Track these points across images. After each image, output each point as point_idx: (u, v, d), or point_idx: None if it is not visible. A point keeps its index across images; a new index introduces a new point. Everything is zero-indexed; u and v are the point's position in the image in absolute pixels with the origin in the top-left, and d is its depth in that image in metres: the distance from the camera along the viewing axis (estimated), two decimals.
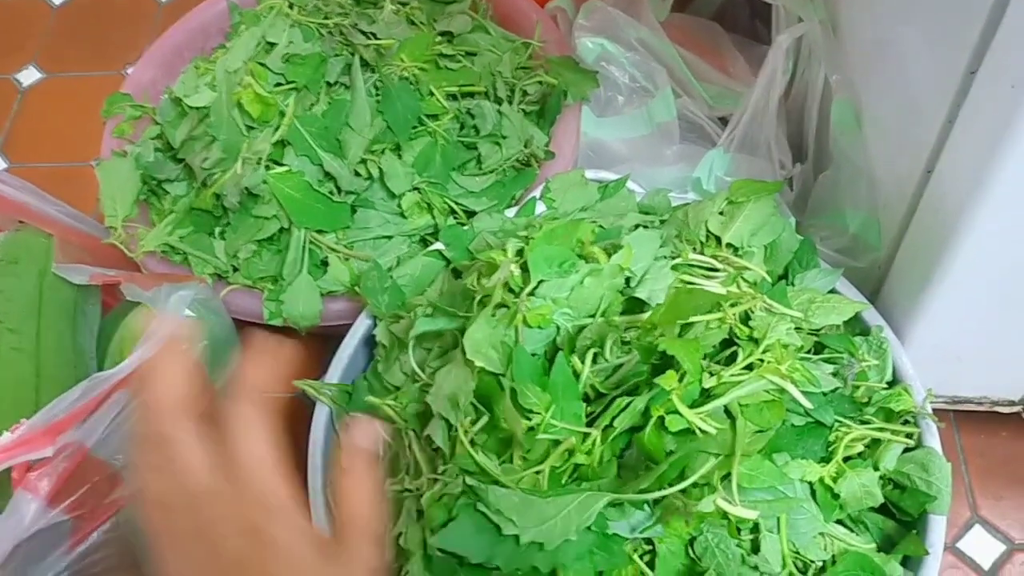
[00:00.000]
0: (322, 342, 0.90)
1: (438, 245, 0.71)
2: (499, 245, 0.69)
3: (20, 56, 1.17)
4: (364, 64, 0.78)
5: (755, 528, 0.54)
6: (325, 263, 0.75)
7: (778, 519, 0.55)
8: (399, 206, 0.76)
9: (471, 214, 0.77)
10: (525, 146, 0.80)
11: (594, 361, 0.54)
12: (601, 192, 0.72)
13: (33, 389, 0.66)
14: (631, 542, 0.53)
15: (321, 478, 0.63)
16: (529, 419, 0.50)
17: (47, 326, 0.69)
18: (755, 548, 0.54)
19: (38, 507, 0.57)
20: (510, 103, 0.82)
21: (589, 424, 0.52)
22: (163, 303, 0.66)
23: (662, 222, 0.69)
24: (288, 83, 0.76)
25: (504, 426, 0.50)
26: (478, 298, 0.57)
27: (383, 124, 0.76)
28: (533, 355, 0.54)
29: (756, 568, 0.53)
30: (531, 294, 0.55)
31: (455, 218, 0.77)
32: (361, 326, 0.69)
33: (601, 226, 0.62)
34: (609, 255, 0.57)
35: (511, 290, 0.56)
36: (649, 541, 0.53)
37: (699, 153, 0.76)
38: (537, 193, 0.74)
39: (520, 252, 0.58)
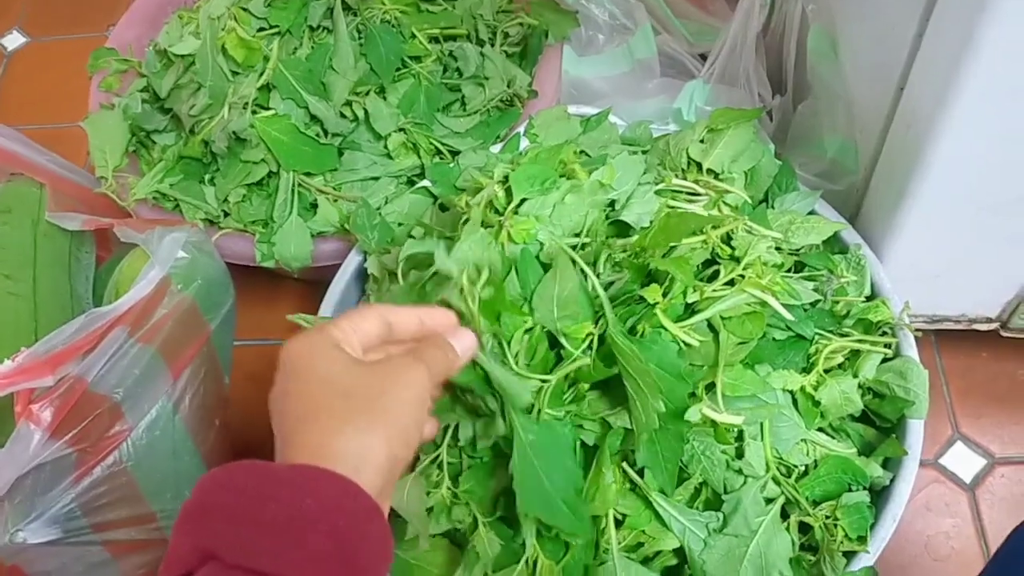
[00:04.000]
0: (310, 289, 0.91)
1: (425, 182, 0.72)
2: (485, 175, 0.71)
3: (3, 21, 1.17)
4: (346, 7, 0.78)
5: (740, 436, 0.56)
6: (314, 205, 0.76)
7: (761, 426, 0.56)
8: (385, 147, 0.77)
9: (456, 154, 0.78)
10: (508, 86, 0.81)
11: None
12: (584, 126, 0.73)
13: (32, 333, 0.67)
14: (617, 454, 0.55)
15: None
16: (524, 323, 0.52)
17: (43, 272, 0.70)
18: (739, 455, 0.56)
19: (41, 438, 0.59)
20: (492, 45, 0.83)
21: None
22: (157, 245, 0.67)
23: (644, 152, 0.70)
24: (271, 27, 0.77)
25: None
26: (464, 218, 0.59)
27: (367, 67, 0.77)
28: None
29: (740, 472, 0.55)
30: (515, 212, 0.57)
31: (441, 158, 0.78)
32: (352, 262, 0.70)
33: (587, 154, 0.63)
34: (591, 174, 0.58)
35: (497, 211, 0.58)
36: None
37: (679, 86, 0.77)
38: (521, 129, 0.75)
39: (506, 178, 0.59)
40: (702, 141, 0.68)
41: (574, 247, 0.57)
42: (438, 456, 0.53)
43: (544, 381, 0.53)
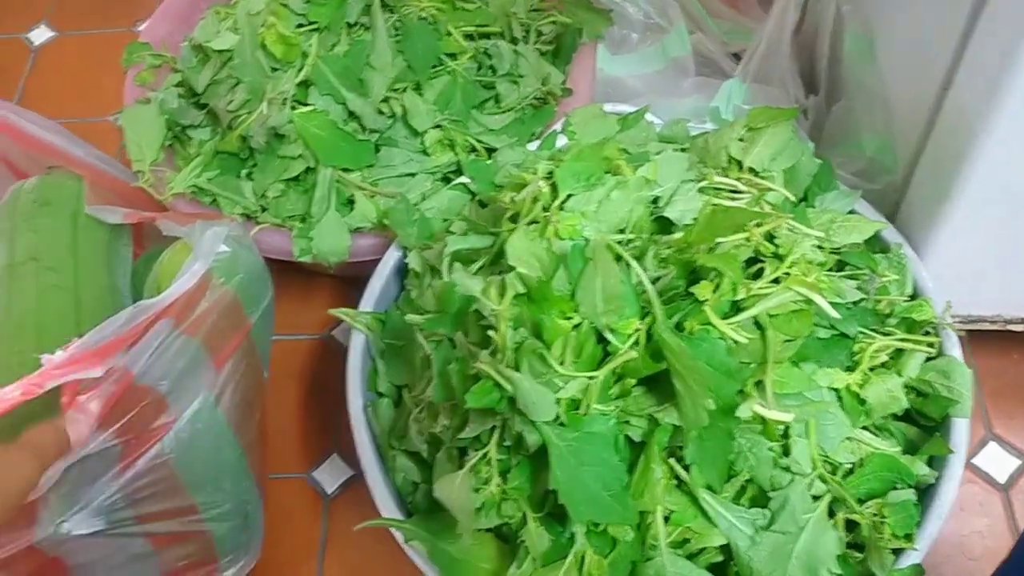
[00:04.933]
0: (345, 285, 0.91)
1: (463, 179, 0.73)
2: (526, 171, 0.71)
3: (30, 15, 1.18)
4: (383, 5, 0.79)
5: (785, 434, 0.56)
6: (351, 201, 0.77)
7: (807, 424, 0.57)
8: (422, 143, 0.77)
9: (491, 151, 0.79)
10: (542, 84, 0.81)
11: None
12: (621, 124, 0.73)
13: (74, 323, 0.67)
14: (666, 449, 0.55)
15: (361, 400, 0.65)
16: (570, 319, 0.52)
17: (83, 265, 0.70)
18: (785, 452, 0.56)
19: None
20: (525, 43, 0.83)
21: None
22: (199, 238, 0.67)
23: (683, 150, 0.70)
24: (310, 24, 0.77)
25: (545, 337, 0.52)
26: (509, 214, 0.59)
27: (403, 63, 0.78)
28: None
29: (788, 469, 0.55)
30: (560, 208, 0.57)
31: (476, 155, 0.78)
32: (391, 257, 0.70)
33: (626, 152, 0.64)
34: (635, 171, 0.58)
35: (544, 209, 0.58)
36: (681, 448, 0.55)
37: (715, 85, 0.77)
38: (558, 127, 0.75)
39: (550, 174, 0.60)
40: (741, 139, 0.68)
41: (619, 243, 0.57)
42: (487, 453, 0.53)
43: (591, 378, 0.53)
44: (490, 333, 0.51)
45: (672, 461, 0.55)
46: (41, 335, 0.66)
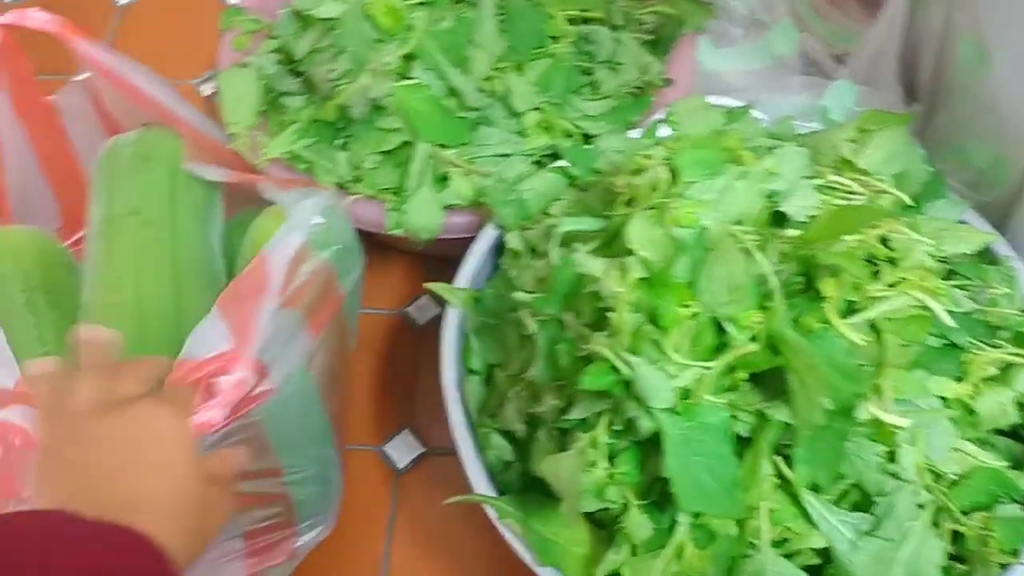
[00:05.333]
0: (421, 262, 0.91)
1: (562, 162, 0.72)
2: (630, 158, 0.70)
3: None
4: None
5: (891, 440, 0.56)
6: (445, 178, 0.76)
7: (913, 431, 0.56)
8: (520, 125, 0.77)
9: (587, 137, 0.78)
10: (641, 73, 0.80)
11: None
12: (726, 117, 0.72)
13: (171, 279, 0.67)
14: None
15: (454, 375, 0.64)
16: (688, 307, 0.51)
17: (180, 222, 0.71)
18: (891, 459, 0.56)
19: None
20: (626, 31, 0.83)
21: None
22: (295, 207, 0.67)
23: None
24: None
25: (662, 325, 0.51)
26: (624, 198, 0.58)
27: (506, 43, 0.77)
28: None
29: (895, 476, 0.54)
30: (679, 195, 0.56)
31: (571, 140, 0.78)
32: (487, 236, 0.70)
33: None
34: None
35: (662, 195, 0.57)
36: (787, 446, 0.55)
37: (822, 85, 0.76)
38: (660, 117, 0.74)
39: (667, 159, 0.59)
40: (852, 141, 0.67)
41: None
42: (595, 437, 0.52)
43: (706, 368, 0.52)
44: (609, 315, 0.51)
45: (777, 458, 0.54)
46: (139, 288, 0.66)
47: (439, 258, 0.87)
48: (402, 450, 0.81)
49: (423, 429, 0.82)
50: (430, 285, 0.67)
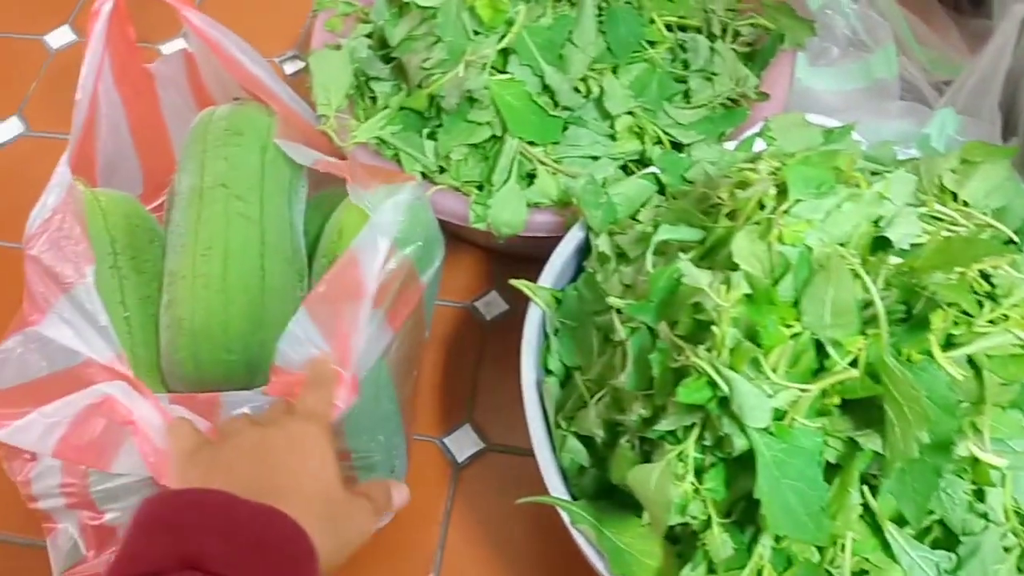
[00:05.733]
0: (492, 257, 0.91)
1: (653, 169, 0.71)
2: (719, 174, 0.69)
3: None
4: None
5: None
6: (531, 175, 0.76)
7: (1003, 472, 0.54)
8: (611, 127, 0.76)
9: (675, 145, 0.77)
10: (736, 85, 0.79)
11: None
12: (825, 137, 0.71)
13: (259, 255, 0.67)
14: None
15: (534, 375, 0.64)
16: (790, 327, 0.50)
17: (269, 198, 0.71)
18: (979, 498, 0.54)
19: None
20: (723, 41, 0.82)
21: None
22: (380, 208, 0.66)
23: (882, 174, 0.68)
24: None
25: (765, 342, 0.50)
26: (726, 210, 0.58)
27: (603, 45, 0.77)
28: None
29: (984, 516, 0.53)
30: (785, 212, 0.55)
31: (661, 147, 0.77)
32: (575, 237, 0.69)
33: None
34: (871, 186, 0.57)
35: (762, 207, 0.56)
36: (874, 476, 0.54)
37: (923, 112, 0.75)
38: (754, 130, 0.73)
39: (773, 173, 0.58)
40: (953, 171, 0.66)
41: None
42: (684, 450, 0.52)
43: (803, 390, 0.51)
44: (713, 329, 0.50)
45: (864, 488, 0.53)
46: (227, 260, 0.66)
47: (510, 254, 0.87)
48: (462, 444, 0.80)
49: (484, 425, 0.81)
50: (516, 282, 0.66)
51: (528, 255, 0.83)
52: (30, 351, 0.68)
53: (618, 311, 0.59)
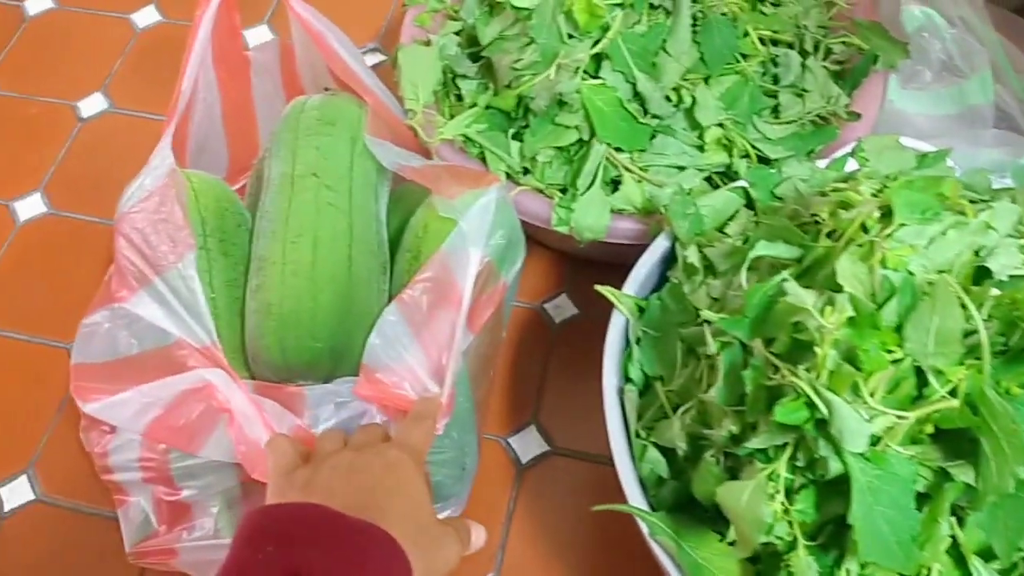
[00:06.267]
0: (564, 261, 0.91)
1: (742, 183, 0.71)
2: (811, 194, 0.69)
3: None
4: None
5: None
6: (615, 181, 0.76)
7: None
8: (699, 138, 0.76)
9: (763, 160, 0.77)
10: (827, 103, 0.79)
11: None
12: (919, 161, 0.70)
13: (347, 245, 0.68)
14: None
15: (616, 382, 0.64)
16: (891, 352, 0.50)
17: (357, 190, 0.72)
18: None
19: None
20: (814, 58, 0.81)
21: None
22: (467, 211, 0.66)
23: (984, 202, 0.67)
24: None
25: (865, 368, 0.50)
26: (826, 229, 0.57)
27: (696, 55, 0.76)
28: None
29: None
30: (888, 236, 0.55)
31: (748, 161, 0.77)
32: (660, 246, 0.69)
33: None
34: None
35: (865, 230, 0.56)
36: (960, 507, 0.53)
37: (1017, 141, 0.74)
38: (846, 150, 0.72)
39: (875, 195, 0.57)
40: None
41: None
42: (775, 470, 0.51)
43: (900, 417, 0.51)
44: (816, 350, 0.49)
45: (952, 520, 0.52)
46: (316, 249, 0.67)
47: (582, 258, 0.87)
48: (527, 445, 0.81)
49: (549, 428, 0.81)
50: (601, 288, 0.66)
51: (602, 260, 0.83)
52: (118, 327, 0.69)
53: (708, 324, 0.58)
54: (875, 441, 0.51)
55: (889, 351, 0.51)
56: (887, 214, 0.56)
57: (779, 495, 0.51)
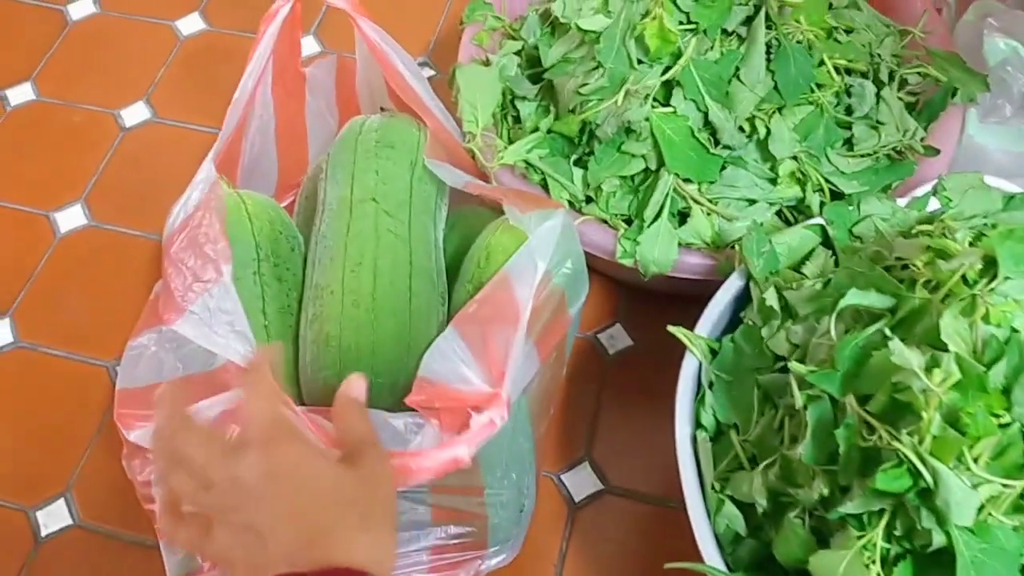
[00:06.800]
0: (618, 291, 0.88)
1: (819, 220, 0.68)
2: (893, 235, 0.66)
3: None
4: (766, 18, 0.74)
5: None
6: (683, 213, 0.73)
7: None
8: (772, 170, 0.73)
9: (837, 195, 0.74)
10: (903, 136, 0.75)
11: None
12: (1005, 203, 0.67)
13: (407, 275, 0.65)
14: None
15: (688, 429, 0.61)
16: (998, 416, 0.47)
17: (416, 216, 0.69)
18: None
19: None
20: (889, 88, 0.78)
21: None
22: (539, 230, 0.64)
23: None
24: (690, 23, 0.73)
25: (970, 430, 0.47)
26: (922, 277, 0.54)
27: (770, 84, 0.73)
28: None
29: None
30: (991, 290, 0.52)
31: (821, 195, 0.73)
32: (733, 285, 0.66)
33: None
34: None
35: (963, 281, 0.53)
36: None
37: None
38: (925, 188, 0.69)
39: (972, 243, 0.54)
40: None
41: None
42: (871, 538, 0.48)
43: (1006, 486, 0.48)
44: (923, 414, 0.46)
45: None
46: (376, 278, 0.65)
47: (639, 288, 0.84)
48: (580, 483, 0.78)
49: (603, 465, 0.78)
50: (674, 329, 0.63)
51: (660, 292, 0.80)
52: (165, 350, 0.67)
53: (787, 370, 0.55)
54: (979, 511, 0.48)
55: (996, 415, 0.48)
56: (988, 264, 0.53)
57: (875, 565, 0.48)
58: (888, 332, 0.50)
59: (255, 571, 0.43)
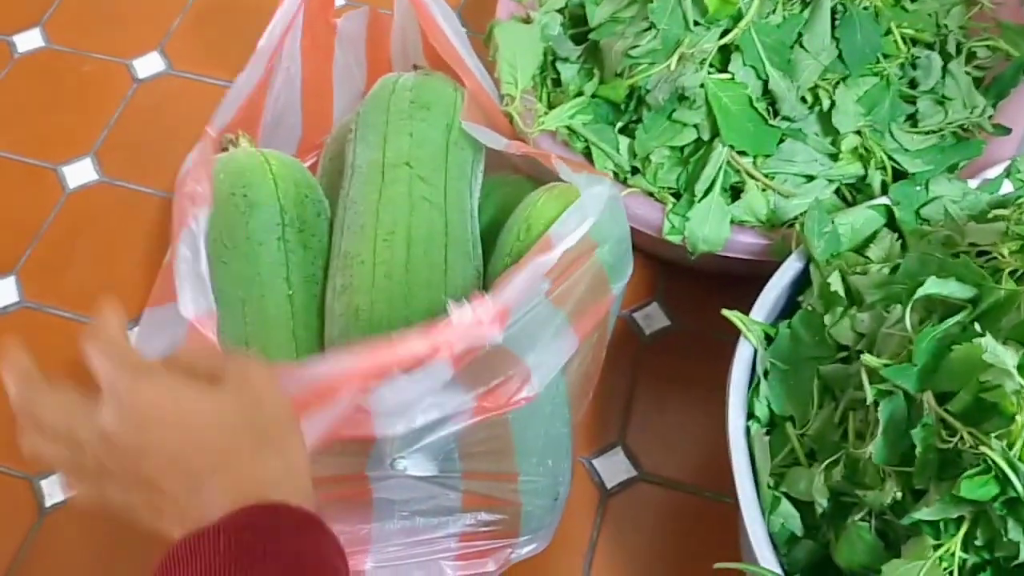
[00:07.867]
0: (659, 269, 0.84)
1: (884, 199, 0.63)
2: (964, 219, 0.61)
3: None
4: None
5: None
6: (736, 189, 0.68)
7: None
8: (833, 145, 0.68)
9: (900, 174, 0.69)
10: (971, 113, 0.71)
11: None
12: None
13: (442, 246, 0.61)
14: None
15: (742, 421, 0.57)
16: None
17: (451, 182, 0.65)
18: None
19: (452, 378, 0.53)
20: (956, 61, 0.73)
21: None
22: (589, 191, 0.60)
23: None
24: None
25: None
26: (1007, 269, 0.50)
27: (835, 52, 0.68)
28: None
29: None
30: None
31: (882, 174, 0.69)
32: (791, 267, 0.62)
33: None
34: None
35: None
36: None
37: None
38: (997, 170, 0.65)
39: None
40: None
41: None
42: (950, 547, 0.45)
43: None
44: (1017, 419, 0.42)
45: None
46: (410, 249, 0.60)
47: (679, 265, 0.80)
48: (612, 469, 0.74)
49: (637, 451, 0.75)
50: (728, 313, 0.59)
51: (703, 271, 0.75)
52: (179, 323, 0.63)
53: (853, 361, 0.51)
54: None
55: None
56: None
57: None
58: (977, 327, 0.46)
59: (176, 522, 0.39)
